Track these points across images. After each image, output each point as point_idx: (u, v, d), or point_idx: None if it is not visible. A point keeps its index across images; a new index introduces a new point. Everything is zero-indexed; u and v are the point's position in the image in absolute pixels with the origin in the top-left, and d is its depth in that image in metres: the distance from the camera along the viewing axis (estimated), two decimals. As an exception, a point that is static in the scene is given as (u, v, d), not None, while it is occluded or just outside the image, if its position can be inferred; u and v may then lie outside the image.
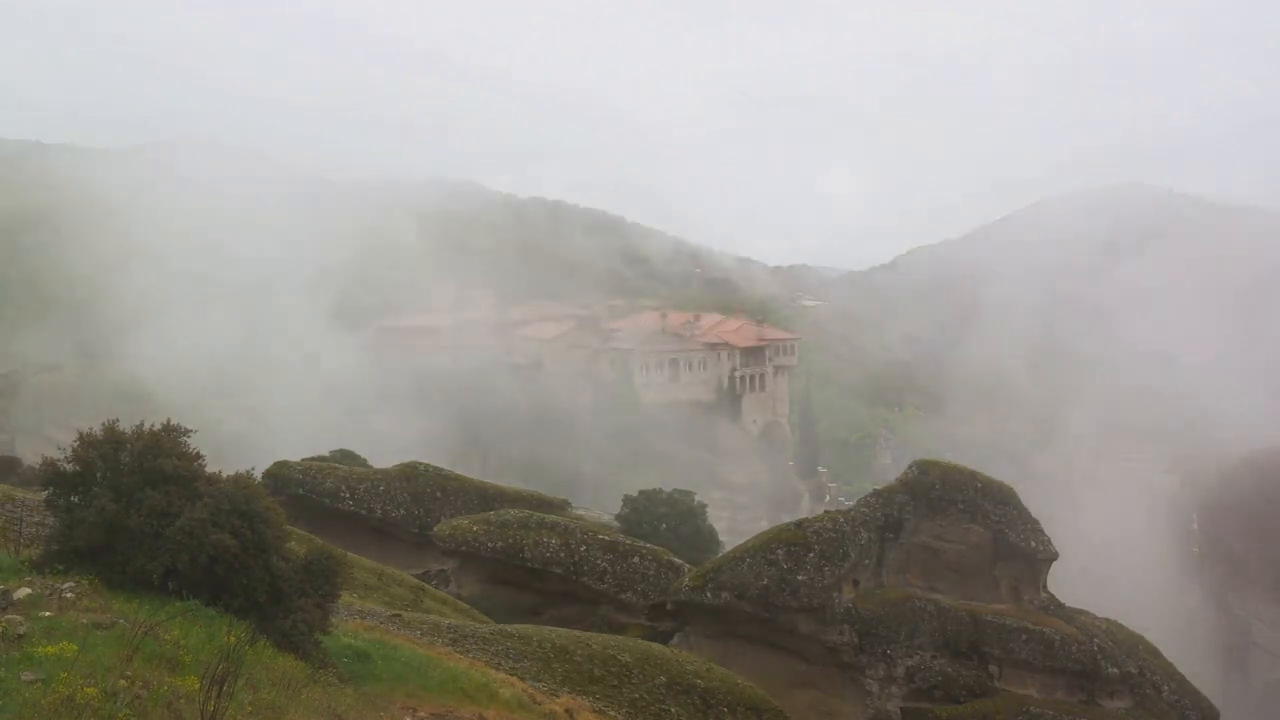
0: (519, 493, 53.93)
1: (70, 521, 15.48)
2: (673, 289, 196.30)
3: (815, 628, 42.79)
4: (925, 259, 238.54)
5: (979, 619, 44.05)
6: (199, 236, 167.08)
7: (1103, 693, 44.14)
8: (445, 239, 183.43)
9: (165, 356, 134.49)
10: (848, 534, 44.33)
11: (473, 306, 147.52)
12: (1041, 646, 43.74)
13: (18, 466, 47.64)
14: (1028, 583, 46.42)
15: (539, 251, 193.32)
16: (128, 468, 15.65)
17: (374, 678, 17.36)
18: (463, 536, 44.88)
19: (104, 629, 12.79)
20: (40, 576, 14.77)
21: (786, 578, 42.24)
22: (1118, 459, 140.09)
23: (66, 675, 10.78)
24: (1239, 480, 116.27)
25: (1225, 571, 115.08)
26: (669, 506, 62.90)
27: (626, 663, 26.76)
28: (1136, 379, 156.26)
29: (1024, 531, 46.45)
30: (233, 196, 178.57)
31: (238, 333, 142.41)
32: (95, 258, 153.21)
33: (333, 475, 49.15)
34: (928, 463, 48.64)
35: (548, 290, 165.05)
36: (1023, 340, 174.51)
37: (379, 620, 24.86)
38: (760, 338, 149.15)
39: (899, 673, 43.21)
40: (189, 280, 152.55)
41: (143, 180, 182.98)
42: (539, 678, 24.31)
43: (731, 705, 26.84)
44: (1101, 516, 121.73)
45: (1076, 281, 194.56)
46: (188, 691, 11.31)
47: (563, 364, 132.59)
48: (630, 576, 44.66)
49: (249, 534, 15.62)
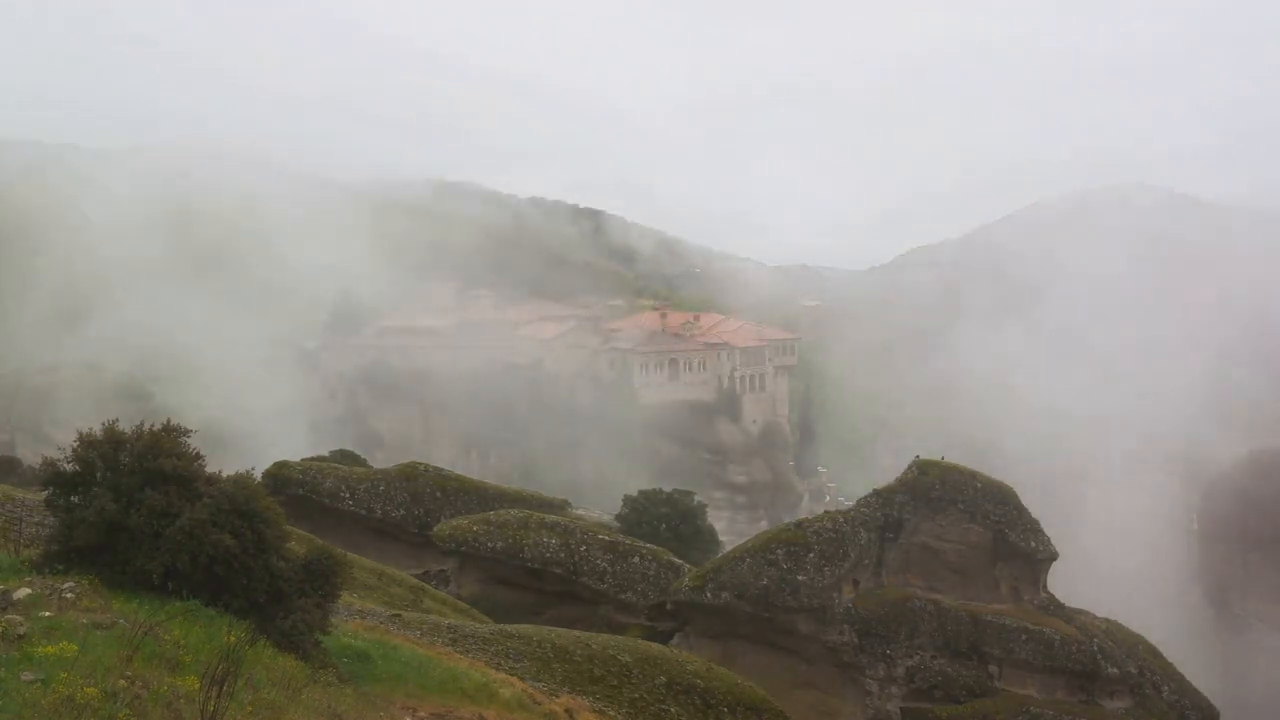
0: (519, 493, 53.95)
1: (70, 521, 15.47)
2: (672, 289, 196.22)
3: (815, 628, 42.81)
4: (925, 259, 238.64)
5: (979, 619, 44.07)
6: (198, 237, 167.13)
7: (1103, 693, 44.15)
8: (445, 239, 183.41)
9: (166, 357, 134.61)
10: (848, 534, 44.37)
11: (472, 306, 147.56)
12: (1041, 646, 43.76)
13: (18, 466, 47.67)
14: (1028, 583, 46.46)
15: (539, 252, 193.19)
16: (128, 468, 15.64)
17: (374, 678, 17.36)
18: (463, 536, 44.88)
19: (104, 629, 12.78)
20: (40, 576, 14.76)
21: (786, 578, 42.26)
22: (1118, 459, 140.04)
23: (66, 675, 10.77)
24: (1239, 480, 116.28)
25: (1225, 571, 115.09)
26: (669, 506, 62.95)
27: (626, 663, 26.76)
28: (1137, 378, 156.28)
29: (1024, 531, 46.48)
30: (231, 197, 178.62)
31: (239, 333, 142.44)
32: (95, 258, 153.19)
33: (333, 475, 49.14)
34: (928, 463, 48.65)
35: (547, 290, 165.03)
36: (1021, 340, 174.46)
37: (379, 620, 24.86)
38: (760, 338, 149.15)
39: (899, 673, 43.24)
40: (188, 281, 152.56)
41: (142, 180, 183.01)
42: (539, 678, 24.31)
43: (731, 705, 26.83)
44: (1101, 516, 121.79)
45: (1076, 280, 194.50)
46: (188, 691, 11.31)
47: (563, 364, 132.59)
48: (630, 576, 44.65)
49: (249, 534, 15.61)
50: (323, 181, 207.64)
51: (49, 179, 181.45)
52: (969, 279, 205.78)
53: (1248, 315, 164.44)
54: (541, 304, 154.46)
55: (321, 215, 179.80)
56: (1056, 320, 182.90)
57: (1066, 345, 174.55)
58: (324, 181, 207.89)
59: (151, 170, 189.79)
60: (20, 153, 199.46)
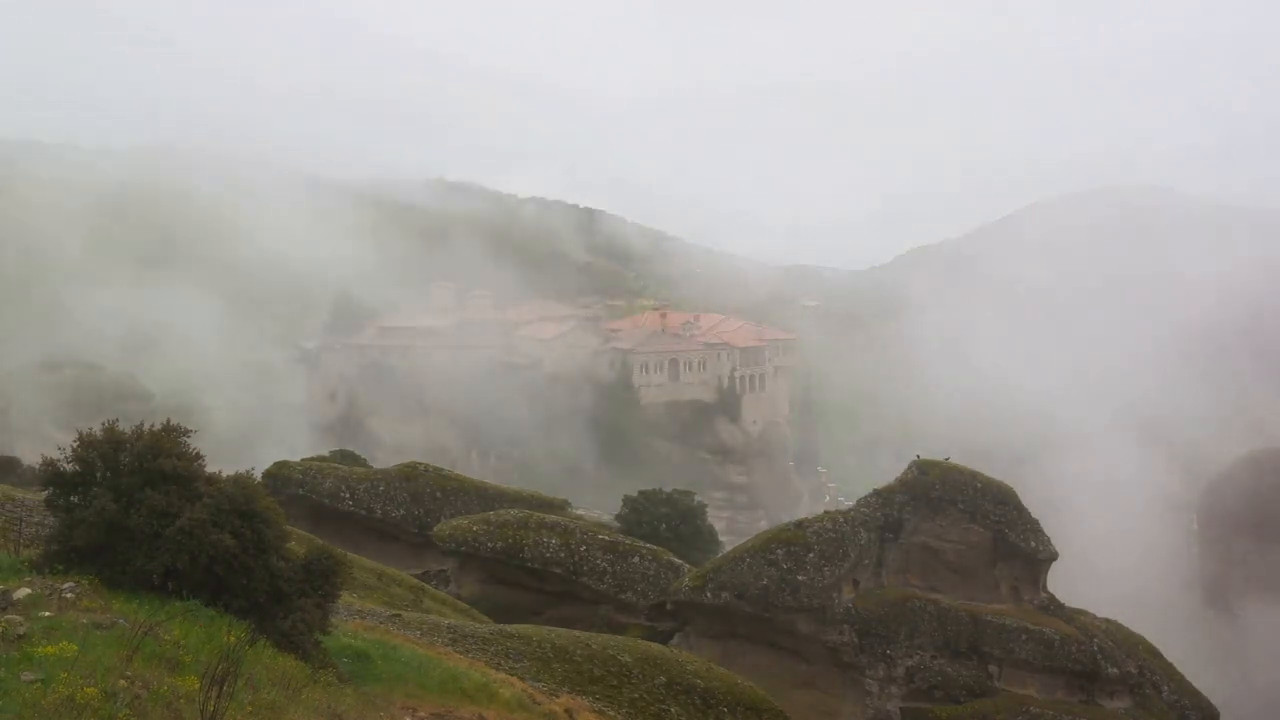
0: (519, 493, 53.92)
1: (70, 521, 15.47)
2: (673, 289, 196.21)
3: (815, 628, 42.80)
4: (925, 258, 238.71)
5: (979, 619, 44.04)
6: (198, 237, 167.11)
7: (1102, 693, 44.13)
8: (445, 239, 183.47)
9: (165, 357, 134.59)
10: (848, 534, 44.35)
11: (472, 306, 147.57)
12: (1041, 646, 43.73)
13: (18, 466, 47.57)
14: (1027, 583, 46.42)
15: (539, 251, 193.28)
16: (128, 468, 15.64)
17: (374, 678, 17.36)
18: (463, 536, 44.86)
19: (104, 629, 12.78)
20: (40, 576, 14.76)
21: (786, 578, 42.25)
22: (1119, 459, 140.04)
23: (66, 675, 10.77)
24: (1239, 480, 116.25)
25: (1225, 571, 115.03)
26: (669, 506, 62.96)
27: (626, 663, 26.75)
28: (1137, 378, 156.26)
29: (1024, 531, 46.44)
30: (230, 197, 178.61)
31: (238, 333, 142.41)
32: (94, 258, 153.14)
33: (332, 475, 49.13)
34: (928, 463, 48.61)
35: (547, 290, 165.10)
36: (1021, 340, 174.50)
37: (379, 620, 24.86)
38: (760, 338, 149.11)
39: (899, 673, 43.22)
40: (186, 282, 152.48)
41: (141, 180, 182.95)
42: (539, 678, 24.31)
43: (731, 705, 26.81)
44: (1101, 516, 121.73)
45: (1076, 280, 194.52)
46: (188, 691, 11.31)
47: (563, 364, 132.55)
48: (630, 576, 44.63)
49: (249, 534, 15.61)
50: (322, 181, 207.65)
51: (48, 178, 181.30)
52: (969, 279, 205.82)
53: (1247, 315, 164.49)
54: (541, 304, 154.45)
55: (321, 215, 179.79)
56: (1056, 320, 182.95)
57: (1067, 345, 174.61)
58: (324, 181, 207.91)
59: (151, 170, 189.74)
60: (20, 151, 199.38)
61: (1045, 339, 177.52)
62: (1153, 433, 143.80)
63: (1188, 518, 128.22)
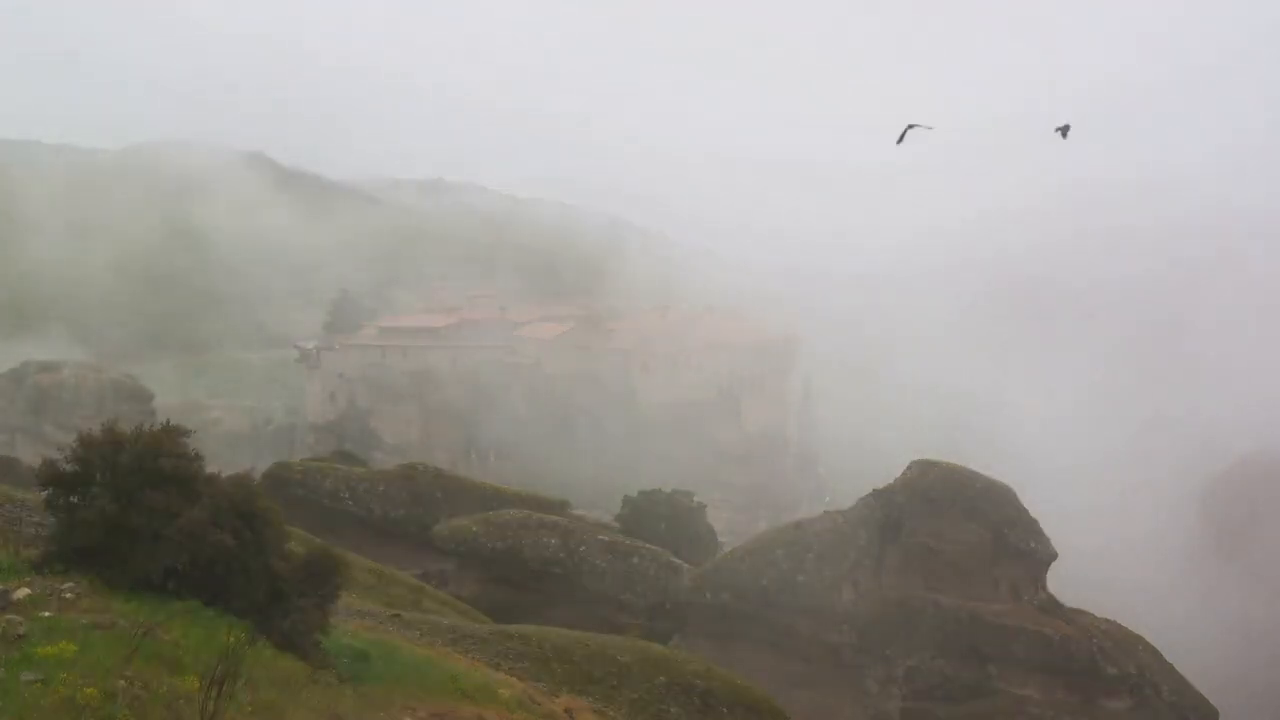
0: (519, 493, 53.96)
1: (70, 521, 15.46)
2: (672, 288, 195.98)
3: (815, 628, 42.81)
4: (925, 258, 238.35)
5: (979, 619, 44.04)
6: (197, 237, 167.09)
7: (1102, 693, 44.13)
8: (444, 238, 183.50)
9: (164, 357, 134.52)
10: (848, 534, 44.38)
11: (472, 307, 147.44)
12: (1041, 647, 43.74)
13: (17, 466, 47.63)
14: (1027, 583, 46.42)
15: (539, 251, 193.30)
16: (127, 468, 15.63)
17: (374, 678, 17.35)
18: (463, 537, 44.90)
19: (104, 629, 12.77)
20: (40, 576, 14.75)
21: (786, 578, 42.28)
22: (1119, 459, 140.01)
23: (66, 675, 10.76)
24: (1239, 480, 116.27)
25: (1225, 571, 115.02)
26: (669, 507, 62.83)
27: (626, 663, 26.74)
28: (1136, 377, 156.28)
29: (1023, 531, 46.45)
30: (228, 198, 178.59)
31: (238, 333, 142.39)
32: (95, 258, 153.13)
33: (332, 475, 49.20)
34: (928, 463, 48.62)
35: (548, 290, 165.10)
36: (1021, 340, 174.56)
37: (379, 620, 24.87)
38: (760, 338, 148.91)
39: (899, 673, 43.23)
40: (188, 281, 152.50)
41: (140, 181, 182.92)
42: (539, 678, 24.31)
43: (731, 705, 26.80)
44: (1102, 516, 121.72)
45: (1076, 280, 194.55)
46: (187, 692, 11.30)
47: (563, 364, 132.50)
48: (630, 576, 44.66)
49: (249, 534, 15.61)
50: (321, 181, 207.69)
51: (48, 178, 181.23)
52: (970, 279, 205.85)
53: (1252, 316, 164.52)
54: (541, 304, 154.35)
55: (320, 215, 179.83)
56: (1056, 320, 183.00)
57: (1066, 345, 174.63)
58: (323, 181, 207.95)
59: (149, 171, 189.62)
60: (19, 151, 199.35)
61: (1045, 339, 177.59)
62: (1154, 432, 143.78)
63: (1188, 517, 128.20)
